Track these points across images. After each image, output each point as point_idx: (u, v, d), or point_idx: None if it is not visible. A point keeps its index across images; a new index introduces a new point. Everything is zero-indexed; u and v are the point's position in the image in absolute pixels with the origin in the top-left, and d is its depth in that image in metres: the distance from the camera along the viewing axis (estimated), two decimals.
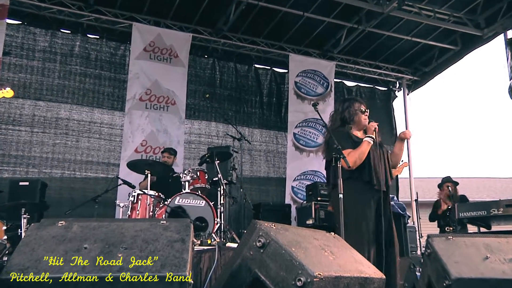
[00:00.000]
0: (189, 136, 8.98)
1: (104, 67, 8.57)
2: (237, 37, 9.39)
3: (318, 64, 9.98)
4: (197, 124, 9.14)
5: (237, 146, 7.36)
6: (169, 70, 8.55)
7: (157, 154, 8.00)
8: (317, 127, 9.61)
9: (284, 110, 9.90)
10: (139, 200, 5.71)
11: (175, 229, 2.51)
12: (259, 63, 10.08)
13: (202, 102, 9.21)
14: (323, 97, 9.84)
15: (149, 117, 8.24)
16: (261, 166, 9.54)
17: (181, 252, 2.34)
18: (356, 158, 3.67)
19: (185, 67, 8.72)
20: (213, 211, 5.72)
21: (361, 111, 3.93)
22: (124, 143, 8.06)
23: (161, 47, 8.54)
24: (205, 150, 8.47)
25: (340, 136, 3.80)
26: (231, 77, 9.68)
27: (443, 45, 9.70)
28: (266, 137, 9.77)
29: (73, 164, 7.99)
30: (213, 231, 5.57)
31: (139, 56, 8.37)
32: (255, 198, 8.90)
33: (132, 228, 2.48)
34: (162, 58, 8.52)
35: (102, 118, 8.35)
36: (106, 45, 8.68)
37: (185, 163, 8.51)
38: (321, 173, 9.33)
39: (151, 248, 2.36)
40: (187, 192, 5.86)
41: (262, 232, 2.47)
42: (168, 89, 8.47)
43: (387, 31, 9.27)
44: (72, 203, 6.93)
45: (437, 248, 3.09)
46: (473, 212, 5.58)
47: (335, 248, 2.75)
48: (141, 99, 8.26)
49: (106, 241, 2.36)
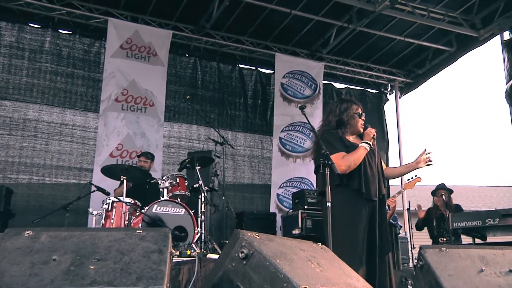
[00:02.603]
0: (168, 139, 8.95)
1: (77, 65, 8.49)
2: (220, 35, 9.40)
3: (306, 64, 10.03)
4: (177, 127, 9.12)
5: (220, 150, 7.37)
6: (148, 69, 8.51)
7: (134, 158, 7.95)
8: (305, 132, 9.65)
9: (270, 113, 9.92)
10: (114, 208, 5.69)
11: (152, 239, 2.49)
12: (243, 63, 10.10)
13: (182, 104, 9.20)
14: (311, 100, 9.89)
15: (126, 119, 8.20)
16: (245, 172, 9.55)
17: (159, 263, 2.33)
18: (351, 163, 3.67)
19: (164, 66, 8.69)
20: (193, 220, 5.71)
21: (359, 115, 3.94)
22: (98, 147, 8.00)
23: (139, 44, 8.51)
24: (185, 155, 8.44)
25: (332, 138, 3.81)
26: (214, 78, 9.67)
27: (437, 46, 9.82)
28: (251, 141, 9.79)
29: (42, 169, 7.89)
30: (193, 241, 5.55)
31: (115, 54, 8.32)
32: (238, 206, 8.91)
33: (106, 238, 2.45)
34: (140, 56, 8.49)
35: (75, 120, 8.27)
36: (79, 41, 8.60)
37: (163, 168, 8.49)
38: (308, 180, 9.36)
39: (126, 259, 2.33)
40: (165, 199, 5.83)
41: (245, 242, 2.46)
42: (146, 90, 8.43)
43: (379, 30, 9.36)
44: (40, 211, 6.83)
45: (430, 260, 3.11)
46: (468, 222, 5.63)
47: (323, 260, 2.75)
48: (117, 100, 8.20)
49: (77, 252, 2.33)
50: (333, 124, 3.95)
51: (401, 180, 9.24)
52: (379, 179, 3.81)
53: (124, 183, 5.83)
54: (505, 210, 5.50)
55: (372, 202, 3.73)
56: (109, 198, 5.79)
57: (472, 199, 20.31)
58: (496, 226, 5.42)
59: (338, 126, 3.94)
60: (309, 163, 9.21)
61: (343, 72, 10.67)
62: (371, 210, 3.71)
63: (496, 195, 21.94)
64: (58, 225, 6.08)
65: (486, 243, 5.81)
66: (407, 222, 8.41)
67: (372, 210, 3.71)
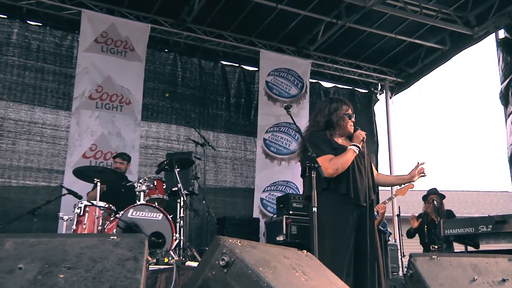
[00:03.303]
0: (146, 140, 8.92)
1: (48, 60, 8.40)
2: (202, 29, 9.38)
3: (292, 62, 10.06)
4: (155, 126, 9.09)
5: (200, 152, 7.36)
6: (124, 65, 8.47)
7: (109, 160, 7.91)
8: (290, 133, 9.68)
9: (254, 112, 9.93)
10: (86, 212, 5.64)
11: (127, 246, 2.47)
12: (226, 59, 10.10)
13: (161, 102, 9.17)
14: (297, 99, 9.93)
15: (100, 118, 8.14)
16: (227, 175, 9.55)
17: (134, 272, 2.31)
18: (339, 166, 3.68)
19: (142, 62, 8.66)
20: (172, 225, 5.69)
21: (349, 116, 3.95)
22: (70, 147, 7.92)
23: (114, 38, 8.45)
24: (163, 156, 8.43)
25: (319, 140, 3.81)
26: (195, 75, 9.66)
27: (430, 44, 9.92)
28: (233, 142, 9.79)
29: (8, 170, 7.79)
30: (171, 248, 5.53)
31: (89, 48, 8.25)
32: (220, 211, 8.89)
33: (77, 244, 2.43)
34: (115, 51, 8.43)
35: (45, 118, 8.18)
36: (50, 34, 8.51)
37: (140, 170, 8.45)
38: (293, 183, 9.39)
39: (99, 267, 2.32)
40: (142, 203, 5.81)
41: (226, 249, 2.46)
42: (122, 87, 8.39)
43: (369, 27, 9.43)
44: (5, 216, 6.74)
45: (420, 269, 3.14)
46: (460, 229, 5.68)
47: (308, 268, 2.76)
48: (91, 97, 8.14)
49: (46, 260, 2.31)
50: (322, 125, 3.95)
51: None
52: (368, 184, 3.81)
53: (98, 186, 5.80)
54: (499, 216, 5.57)
55: (360, 208, 3.73)
56: (81, 202, 5.74)
57: (465, 204, 20.53)
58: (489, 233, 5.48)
59: (326, 127, 3.94)
60: (295, 166, 9.25)
61: (331, 70, 10.73)
62: (360, 216, 3.72)
63: (490, 200, 22.16)
64: (25, 231, 6.00)
65: (479, 251, 5.88)
66: (397, 229, 8.49)
67: (361, 216, 3.72)
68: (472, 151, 60.09)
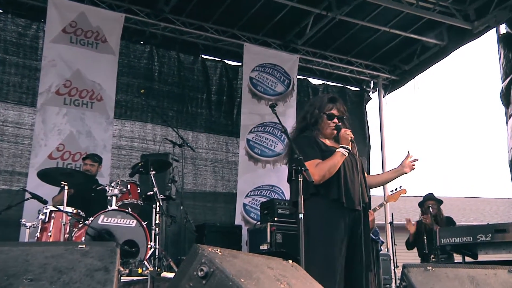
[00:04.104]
0: (119, 140, 8.89)
1: (9, 51, 8.30)
2: (181, 20, 9.35)
3: (279, 57, 10.09)
4: (129, 125, 9.06)
5: (178, 153, 7.34)
6: (95, 57, 8.43)
7: (78, 161, 7.87)
8: (276, 133, 9.70)
9: (237, 111, 9.95)
10: (52, 218, 5.63)
11: (97, 255, 2.46)
12: (207, 53, 10.10)
13: (135, 99, 9.13)
14: (283, 97, 9.96)
15: (68, 115, 8.09)
16: (207, 179, 9.54)
17: (104, 283, 2.30)
18: (325, 172, 3.68)
19: (115, 55, 8.62)
20: (146, 233, 5.70)
21: (329, 116, 3.92)
22: (34, 147, 7.85)
23: (85, 28, 8.39)
24: (138, 158, 8.43)
25: (305, 143, 3.82)
26: (173, 69, 9.65)
27: (426, 39, 9.99)
28: (214, 143, 9.79)
29: None
30: (146, 258, 5.54)
31: (56, 38, 8.18)
32: (199, 217, 8.91)
33: (41, 254, 2.41)
34: (86, 42, 8.38)
35: (6, 115, 8.09)
36: (12, 22, 8.41)
37: (112, 173, 8.44)
38: (279, 188, 9.41)
39: (65, 279, 2.30)
40: (114, 209, 5.80)
41: (205, 259, 2.45)
42: (93, 82, 8.34)
43: (362, 20, 9.47)
44: None
45: (414, 281, 3.16)
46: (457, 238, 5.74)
47: (293, 280, 2.76)
48: (59, 93, 8.08)
49: (5, 271, 2.28)
50: (302, 126, 3.99)
51: (384, 192, 9.38)
52: (361, 186, 3.82)
53: (65, 189, 5.75)
54: (498, 225, 5.63)
55: (354, 212, 3.74)
56: (47, 207, 5.71)
57: (462, 212, 20.71)
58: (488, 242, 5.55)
59: (306, 127, 3.96)
60: (280, 169, 9.27)
61: (321, 66, 10.77)
62: (353, 221, 3.73)
63: (490, 208, 22.35)
64: None
65: (477, 262, 5.93)
66: (390, 237, 8.55)
67: (354, 221, 3.73)
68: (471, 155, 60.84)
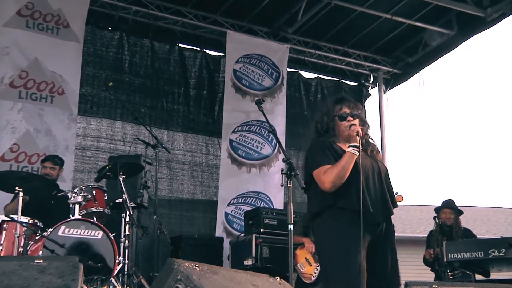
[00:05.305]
0: (83, 139, 8.87)
1: None
2: (155, 4, 9.33)
3: (266, 47, 10.11)
4: (95, 123, 9.04)
5: (152, 155, 7.35)
6: (56, 45, 8.39)
7: (35, 164, 7.84)
8: (262, 133, 9.71)
9: (218, 108, 9.97)
10: (4, 229, 5.56)
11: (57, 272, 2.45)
12: (185, 41, 10.11)
13: (103, 93, 9.12)
14: (271, 92, 9.97)
15: (24, 111, 8.05)
16: (184, 184, 9.54)
17: None
18: (335, 177, 3.62)
19: (79, 42, 8.59)
20: (114, 246, 5.67)
21: (340, 117, 3.91)
22: None
23: (44, 11, 8.35)
24: (105, 160, 8.41)
25: (318, 148, 3.82)
26: (146, 60, 9.64)
27: (433, 27, 10.03)
28: (193, 144, 9.79)
29: None
30: (113, 275, 5.50)
31: (9, 22, 8.13)
32: (175, 228, 8.93)
33: None
34: (45, 27, 8.33)
35: None
36: None
37: (75, 177, 8.43)
38: (265, 195, 9.42)
39: None
40: (77, 218, 5.78)
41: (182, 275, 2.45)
42: (53, 73, 8.30)
43: (360, 6, 9.48)
44: None
45: None
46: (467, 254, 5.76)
47: None
48: (12, 85, 8.04)
49: None
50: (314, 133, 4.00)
51: None
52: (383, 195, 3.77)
53: (20, 196, 5.70)
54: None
55: (375, 228, 3.68)
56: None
57: (472, 223, 20.73)
58: (502, 258, 5.58)
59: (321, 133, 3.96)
60: (268, 174, 9.28)
61: (314, 57, 10.80)
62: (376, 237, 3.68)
63: (504, 218, 22.31)
64: None
65: (489, 280, 5.97)
66: None
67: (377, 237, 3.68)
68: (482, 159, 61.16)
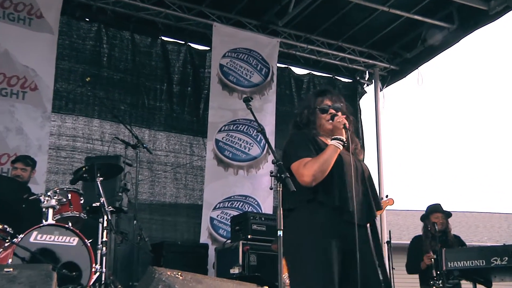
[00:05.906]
0: (58, 139, 8.85)
1: None
2: None
3: (255, 40, 10.12)
4: (71, 121, 9.03)
5: (132, 156, 7.37)
6: (28, 37, 8.40)
7: (5, 164, 7.84)
8: (251, 132, 9.71)
9: (204, 105, 9.98)
10: None
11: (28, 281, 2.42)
12: (168, 34, 10.13)
13: (79, 89, 9.09)
14: (260, 89, 9.98)
15: None
16: (167, 187, 9.55)
17: None
18: (316, 170, 3.55)
19: (53, 34, 8.58)
20: (90, 253, 5.67)
21: (322, 110, 3.87)
22: None
23: (15, 0, 8.35)
24: (81, 161, 8.38)
25: (298, 141, 3.78)
26: (126, 53, 9.64)
27: (433, 21, 10.05)
28: (176, 144, 9.79)
29: None
30: (89, 284, 5.49)
31: None
32: (156, 234, 8.93)
33: None
34: (16, 17, 8.34)
35: None
36: None
37: (49, 179, 8.42)
38: (253, 199, 9.43)
39: None
40: (50, 224, 5.76)
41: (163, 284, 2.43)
42: (25, 66, 8.30)
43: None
44: None
45: None
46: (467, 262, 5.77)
47: None
48: None
49: None
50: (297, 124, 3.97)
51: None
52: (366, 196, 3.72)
53: None
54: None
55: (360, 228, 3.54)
56: None
57: (474, 230, 20.88)
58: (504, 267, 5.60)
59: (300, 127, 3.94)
60: (256, 176, 9.28)
61: (306, 52, 10.81)
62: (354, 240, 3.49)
63: (507, 225, 22.40)
64: None
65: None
66: (387, 260, 8.58)
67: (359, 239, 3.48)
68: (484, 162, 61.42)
